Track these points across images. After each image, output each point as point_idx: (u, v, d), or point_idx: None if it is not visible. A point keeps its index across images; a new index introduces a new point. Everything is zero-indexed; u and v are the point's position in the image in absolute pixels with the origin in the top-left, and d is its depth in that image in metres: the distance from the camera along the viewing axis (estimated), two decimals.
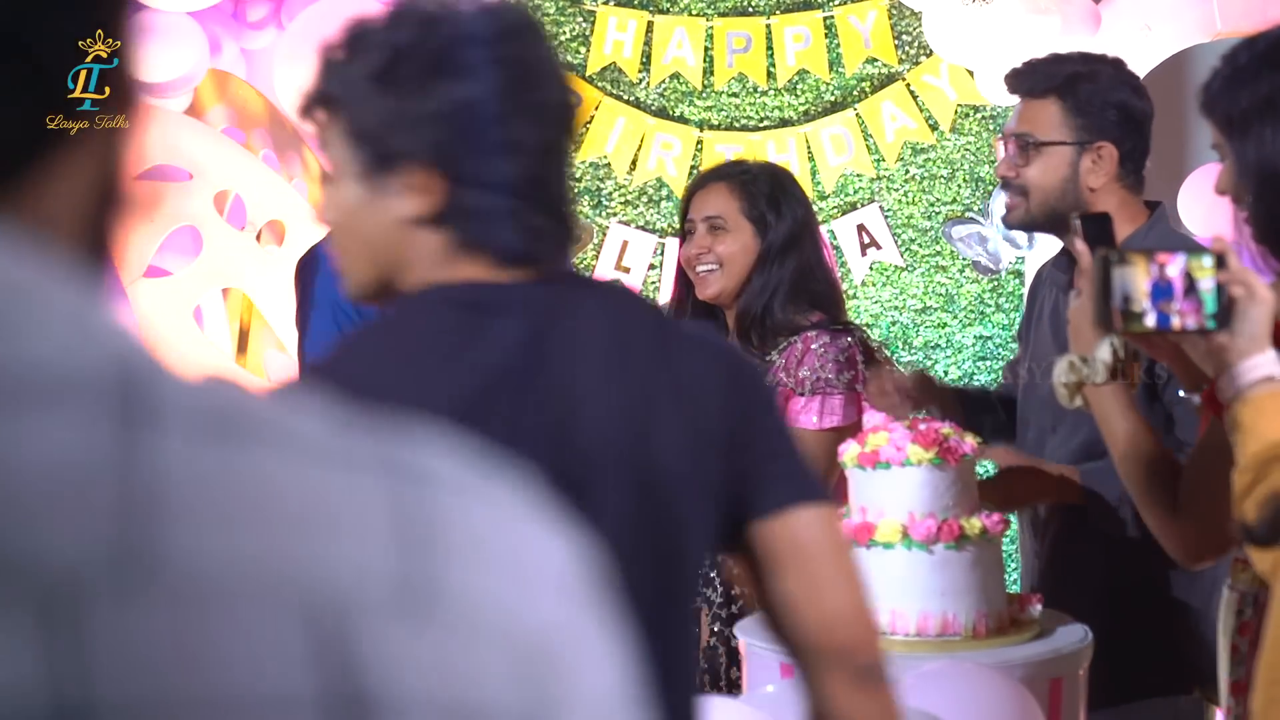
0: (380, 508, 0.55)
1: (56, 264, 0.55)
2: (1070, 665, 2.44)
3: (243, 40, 4.54)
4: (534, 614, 0.58)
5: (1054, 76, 2.73)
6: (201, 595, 0.50)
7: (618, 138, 4.48)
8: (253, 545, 0.52)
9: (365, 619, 0.53)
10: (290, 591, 0.52)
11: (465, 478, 0.58)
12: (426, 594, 0.54)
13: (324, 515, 0.54)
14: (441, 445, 0.59)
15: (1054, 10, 4.14)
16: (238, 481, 0.52)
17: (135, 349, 0.54)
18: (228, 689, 0.50)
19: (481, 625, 0.56)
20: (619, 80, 4.52)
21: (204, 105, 4.46)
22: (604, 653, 0.61)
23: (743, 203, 2.94)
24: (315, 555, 0.52)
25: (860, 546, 2.45)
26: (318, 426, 0.56)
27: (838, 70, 4.46)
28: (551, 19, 4.52)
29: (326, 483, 0.55)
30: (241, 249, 4.18)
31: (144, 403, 0.52)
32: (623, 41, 4.50)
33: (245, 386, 0.56)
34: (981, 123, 4.53)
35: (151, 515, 0.50)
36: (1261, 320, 1.78)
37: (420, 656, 0.54)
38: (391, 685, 0.53)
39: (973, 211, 4.53)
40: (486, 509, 0.58)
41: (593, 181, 4.53)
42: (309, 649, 0.52)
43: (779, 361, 2.94)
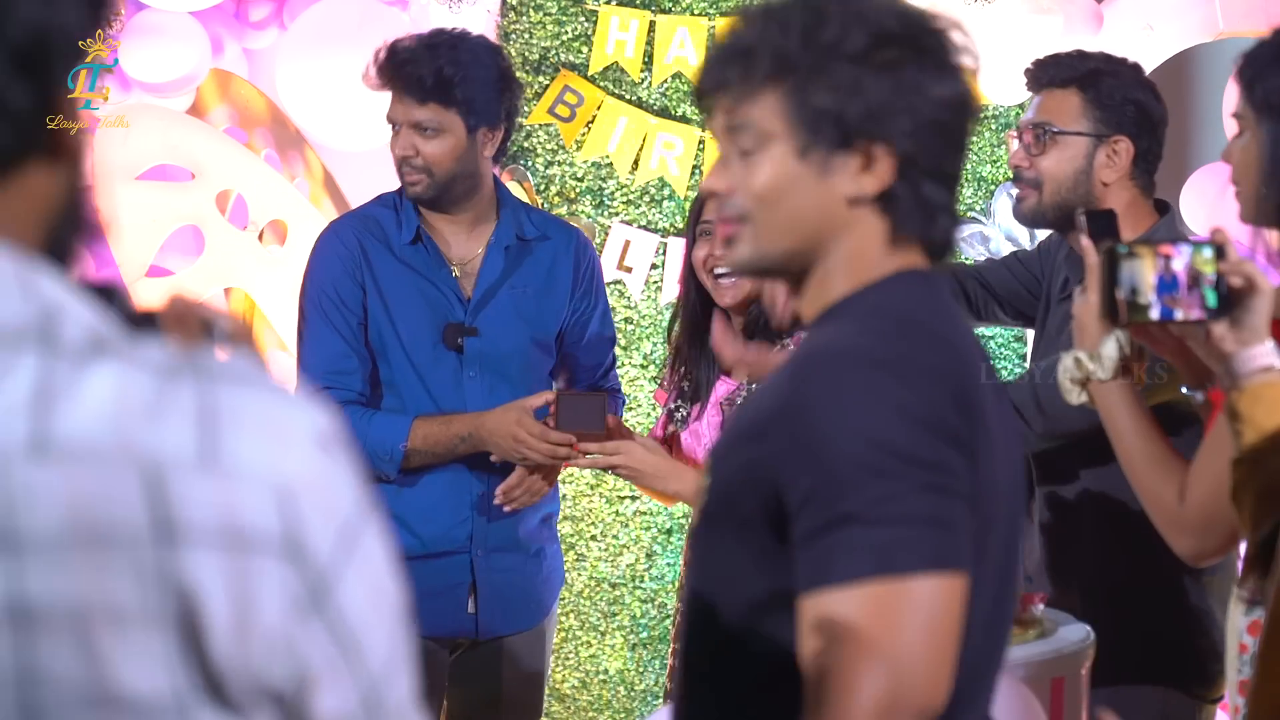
0: (188, 400, 0.88)
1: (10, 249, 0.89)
2: (1072, 665, 2.44)
3: (245, 40, 4.54)
4: (289, 463, 0.90)
5: (1077, 69, 2.75)
6: (83, 458, 0.86)
7: (620, 137, 4.48)
8: (111, 427, 0.86)
9: (176, 474, 0.87)
10: (132, 456, 0.86)
11: (245, 372, 0.91)
12: (213, 455, 0.87)
13: (154, 407, 0.87)
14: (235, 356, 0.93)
15: (1056, 10, 4.14)
16: (102, 385, 0.87)
17: (57, 303, 0.89)
18: (98, 514, 0.85)
19: (250, 474, 0.88)
20: (621, 80, 4.52)
21: (206, 105, 4.46)
22: (343, 486, 0.92)
23: None
24: (148, 433, 0.86)
25: None
26: (155, 348, 0.89)
27: None
28: (553, 18, 4.52)
29: (157, 385, 0.88)
30: (243, 249, 4.18)
31: (53, 340, 0.87)
32: (625, 41, 4.50)
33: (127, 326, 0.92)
34: (983, 122, 4.53)
35: (53, 408, 0.86)
36: (1261, 311, 1.80)
37: (210, 497, 0.87)
38: (193, 515, 0.87)
39: (974, 211, 4.53)
40: (256, 392, 0.91)
41: (595, 181, 4.53)
42: (143, 493, 0.86)
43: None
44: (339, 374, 2.93)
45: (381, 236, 3.00)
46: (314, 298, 2.99)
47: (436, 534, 2.99)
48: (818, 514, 1.33)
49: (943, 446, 1.34)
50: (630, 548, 4.51)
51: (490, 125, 2.98)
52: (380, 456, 2.90)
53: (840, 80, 1.42)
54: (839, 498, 1.33)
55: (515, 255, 3.06)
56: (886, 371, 1.37)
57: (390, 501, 2.97)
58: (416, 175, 2.97)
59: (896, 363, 1.38)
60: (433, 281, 2.99)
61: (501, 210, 3.08)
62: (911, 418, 1.34)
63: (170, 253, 4.25)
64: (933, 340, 1.43)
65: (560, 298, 3.09)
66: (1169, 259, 1.82)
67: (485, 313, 3.01)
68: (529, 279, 3.07)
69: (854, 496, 1.32)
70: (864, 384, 1.36)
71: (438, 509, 2.99)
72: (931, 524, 1.32)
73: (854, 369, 1.37)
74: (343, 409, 2.88)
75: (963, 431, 1.36)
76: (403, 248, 3.00)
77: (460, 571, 3.01)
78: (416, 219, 3.01)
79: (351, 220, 3.08)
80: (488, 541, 3.02)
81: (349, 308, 2.96)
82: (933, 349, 1.41)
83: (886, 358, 1.38)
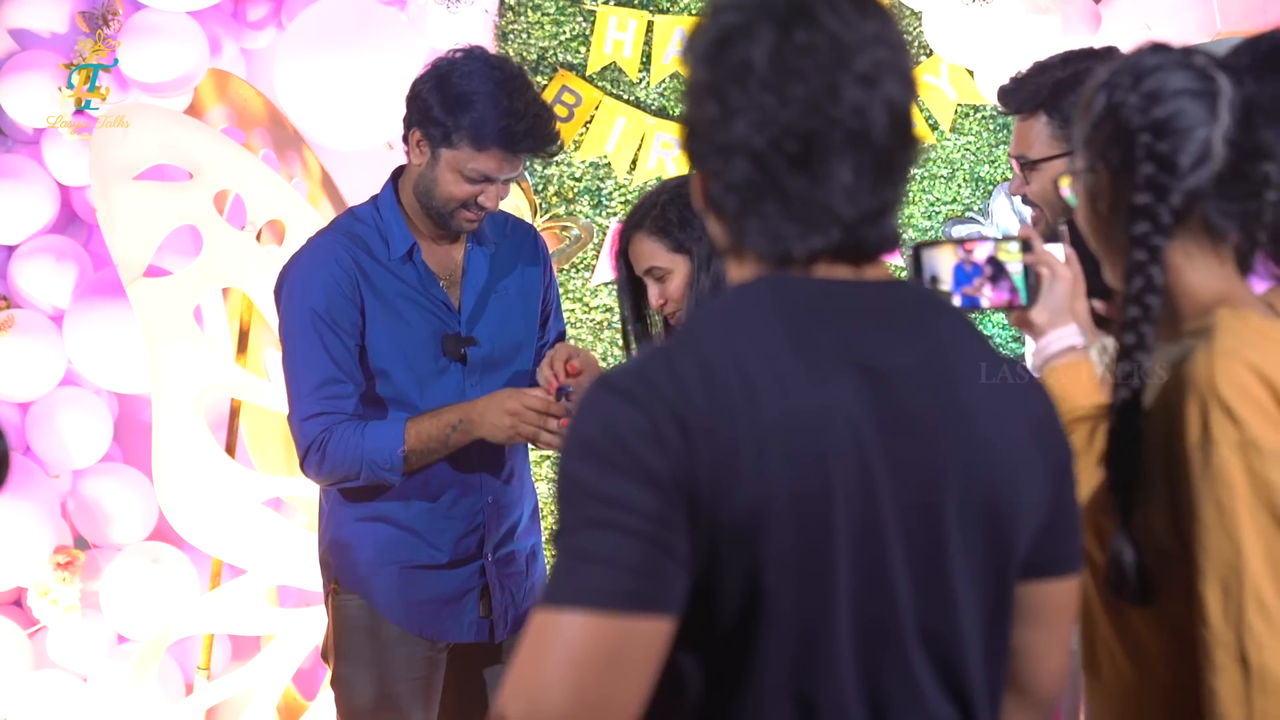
0: None
1: None
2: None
3: (243, 40, 4.54)
4: None
5: (1038, 91, 2.75)
6: None
7: (618, 137, 4.48)
8: None
9: None
10: None
11: None
12: None
13: None
14: None
15: (1054, 10, 4.14)
16: None
17: None
18: None
19: None
20: (619, 80, 4.52)
21: (204, 105, 4.46)
22: None
23: (663, 240, 2.93)
24: None
25: None
26: None
27: None
28: (552, 18, 4.52)
29: None
30: (241, 249, 4.18)
31: None
32: (623, 41, 4.50)
33: None
34: (982, 122, 4.53)
35: None
36: (1062, 295, 1.99)
37: None
38: None
39: (973, 211, 4.53)
40: None
41: (593, 181, 4.53)
42: None
43: None
44: (332, 398, 2.90)
45: (371, 253, 2.97)
46: (304, 319, 2.93)
47: (451, 543, 3.00)
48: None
49: (618, 478, 1.32)
50: None
51: None
52: (381, 466, 2.89)
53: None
54: (557, 523, 1.37)
55: (493, 259, 3.07)
56: (606, 395, 1.36)
57: (403, 515, 2.98)
58: (478, 216, 2.96)
59: (615, 389, 1.36)
60: (426, 295, 2.98)
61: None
62: (593, 448, 1.34)
63: (168, 252, 4.24)
64: (685, 358, 1.37)
65: (535, 294, 3.12)
66: (970, 251, 2.00)
67: (480, 321, 3.02)
68: (508, 280, 3.08)
69: (558, 524, 1.36)
70: (584, 409, 1.37)
71: (451, 519, 2.99)
72: (589, 559, 1.31)
73: (590, 393, 1.38)
74: (334, 431, 2.89)
75: (657, 462, 1.32)
76: (393, 263, 2.98)
77: (472, 578, 3.02)
78: (410, 235, 2.99)
79: (339, 239, 2.99)
80: (496, 546, 3.03)
81: (344, 329, 2.92)
82: (671, 369, 1.37)
83: (615, 383, 1.37)
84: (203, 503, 4.11)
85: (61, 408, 4.31)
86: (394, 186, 3.03)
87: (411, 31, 4.33)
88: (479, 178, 2.89)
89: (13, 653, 4.27)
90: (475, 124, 2.85)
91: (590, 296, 4.52)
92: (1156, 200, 1.72)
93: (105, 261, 4.27)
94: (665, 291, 2.94)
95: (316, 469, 2.92)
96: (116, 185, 4.08)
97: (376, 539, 2.99)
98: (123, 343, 4.20)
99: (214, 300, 4.39)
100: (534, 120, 2.88)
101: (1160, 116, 1.74)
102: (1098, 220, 1.82)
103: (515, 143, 2.87)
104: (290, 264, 3.00)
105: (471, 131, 2.86)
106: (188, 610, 4.27)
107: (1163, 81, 1.75)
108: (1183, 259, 1.77)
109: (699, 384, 1.35)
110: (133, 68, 4.24)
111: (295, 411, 2.94)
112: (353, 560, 3.01)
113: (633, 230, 2.99)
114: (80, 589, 4.28)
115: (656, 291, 2.97)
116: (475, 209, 2.93)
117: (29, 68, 4.22)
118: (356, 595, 3.01)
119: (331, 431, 2.88)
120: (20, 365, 4.24)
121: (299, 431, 2.93)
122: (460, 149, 2.88)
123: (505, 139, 2.86)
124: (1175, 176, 1.73)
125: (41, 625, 4.32)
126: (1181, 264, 1.77)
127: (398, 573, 2.98)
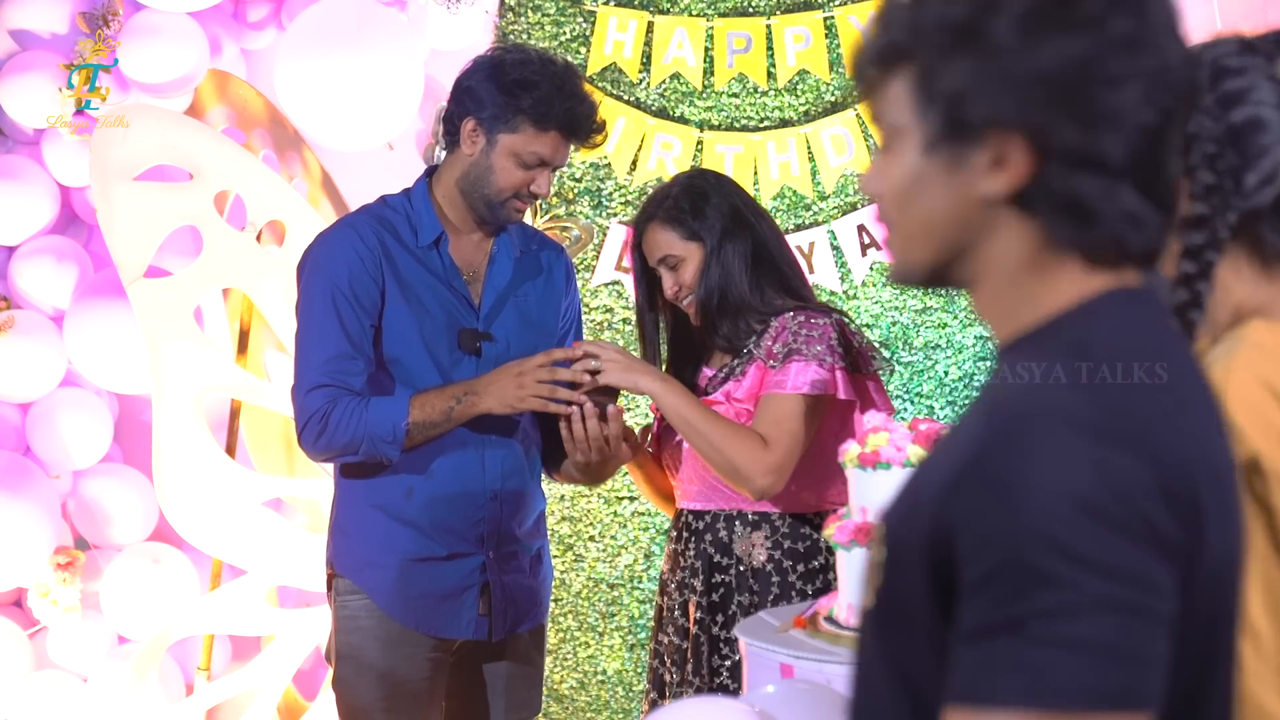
0: None
1: None
2: None
3: (243, 40, 4.54)
4: None
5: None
6: None
7: (618, 138, 4.48)
8: None
9: None
10: None
11: None
12: None
13: None
14: None
15: None
16: None
17: None
18: None
19: None
20: (619, 80, 4.52)
21: (204, 105, 4.46)
22: None
23: (676, 229, 3.08)
24: None
25: (861, 547, 2.45)
26: None
27: (838, 70, 4.47)
28: (551, 19, 4.52)
29: None
30: (242, 249, 4.18)
31: None
32: (623, 42, 4.50)
33: None
34: None
35: None
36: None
37: None
38: None
39: None
40: None
41: (593, 182, 4.53)
42: None
43: (759, 352, 3.01)
44: (341, 372, 2.91)
45: (398, 237, 3.00)
46: (325, 292, 2.94)
47: (452, 537, 3.00)
48: (986, 610, 1.09)
49: (1137, 552, 1.09)
50: (628, 548, 4.51)
51: None
52: (382, 439, 2.89)
53: (949, 59, 1.20)
54: (1011, 598, 1.08)
55: (517, 264, 3.08)
56: (1087, 440, 1.11)
57: (405, 507, 2.98)
58: (526, 205, 3.02)
59: (1100, 432, 1.12)
60: (448, 286, 3.00)
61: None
62: (1102, 513, 1.08)
63: (168, 253, 4.24)
64: (1148, 397, 1.16)
65: (556, 309, 3.14)
66: None
67: (497, 319, 3.03)
68: (530, 288, 3.09)
69: (1024, 601, 1.07)
70: (1057, 457, 1.10)
71: (453, 511, 2.99)
72: (1106, 653, 1.06)
73: (1049, 435, 1.11)
74: (338, 403, 2.89)
75: (1171, 529, 1.11)
76: (419, 250, 3.00)
77: (472, 574, 3.02)
78: (440, 225, 3.01)
79: (368, 219, 3.02)
80: (499, 543, 3.03)
81: (363, 307, 2.93)
82: (1148, 410, 1.15)
83: (1090, 423, 1.12)
84: (203, 503, 4.11)
85: (62, 408, 4.31)
86: (427, 181, 3.07)
87: (411, 32, 4.33)
88: (535, 162, 2.95)
89: (13, 653, 4.27)
90: (538, 104, 2.91)
91: (590, 297, 4.52)
92: (1215, 213, 1.54)
93: (105, 262, 4.27)
94: (679, 279, 3.07)
95: (314, 441, 2.91)
96: (117, 186, 4.08)
97: (378, 529, 2.99)
98: (123, 343, 4.20)
99: (214, 301, 4.39)
100: (591, 105, 2.98)
101: (1236, 123, 1.59)
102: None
103: (577, 124, 2.95)
104: (317, 240, 3.03)
105: (534, 113, 2.92)
106: (188, 611, 4.27)
107: (1246, 86, 1.61)
108: (1232, 275, 1.64)
109: (1169, 418, 1.15)
110: (133, 68, 4.24)
111: (300, 383, 2.94)
112: (352, 547, 3.01)
113: (646, 221, 3.11)
114: (80, 589, 4.28)
115: (670, 280, 3.08)
116: (526, 197, 2.98)
117: (29, 68, 4.22)
118: (358, 593, 3.01)
119: (335, 403, 2.89)
120: (21, 366, 4.24)
121: (300, 403, 2.93)
122: (521, 131, 2.93)
123: (567, 120, 2.94)
124: (1240, 194, 1.60)
125: (42, 626, 4.32)
126: (1230, 279, 1.63)
127: (398, 565, 2.98)
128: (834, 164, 4.46)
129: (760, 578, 3.04)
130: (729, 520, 3.07)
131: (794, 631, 2.56)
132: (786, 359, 2.98)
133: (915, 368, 4.42)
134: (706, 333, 3.11)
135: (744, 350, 3.06)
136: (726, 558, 3.06)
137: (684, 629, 3.09)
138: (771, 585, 3.02)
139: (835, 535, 2.49)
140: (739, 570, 3.05)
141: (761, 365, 3.02)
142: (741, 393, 3.04)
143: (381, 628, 2.99)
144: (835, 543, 2.49)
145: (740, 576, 3.05)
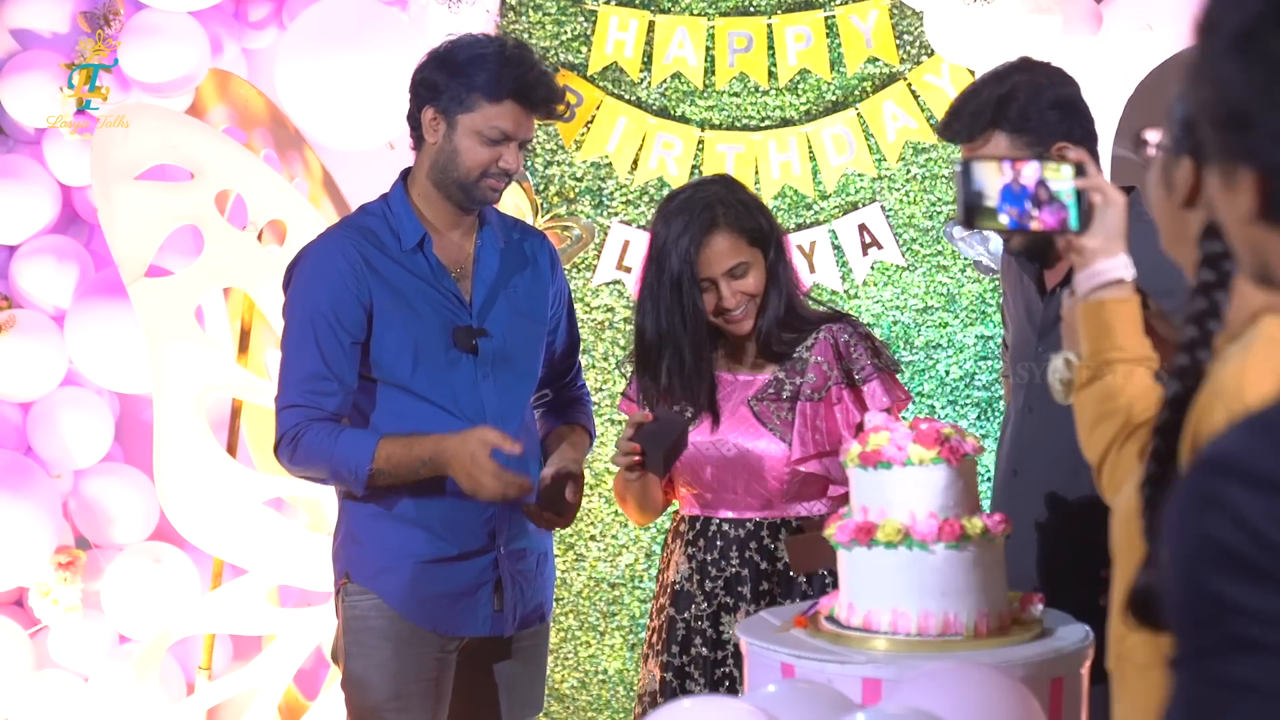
0: None
1: None
2: (1071, 665, 2.44)
3: (244, 40, 4.54)
4: None
5: (980, 112, 2.76)
6: None
7: (619, 137, 4.48)
8: None
9: None
10: None
11: None
12: None
13: None
14: None
15: (1055, 10, 4.14)
16: None
17: None
18: None
19: None
20: (620, 80, 4.52)
21: (205, 105, 4.46)
22: None
23: (742, 234, 3.02)
24: None
25: (861, 546, 2.45)
26: None
27: (839, 70, 4.46)
28: (553, 18, 4.52)
29: None
30: (242, 249, 4.18)
31: None
32: (624, 41, 4.50)
33: None
34: None
35: None
36: (1115, 222, 1.96)
37: None
38: None
39: None
40: None
41: (594, 181, 4.53)
42: None
43: (816, 360, 3.01)
44: (314, 393, 2.93)
45: (381, 246, 3.00)
46: (305, 314, 2.96)
47: (464, 535, 3.01)
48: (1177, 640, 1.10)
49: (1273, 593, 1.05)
50: (629, 548, 4.51)
51: None
52: (346, 476, 2.92)
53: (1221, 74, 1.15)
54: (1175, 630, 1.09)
55: (503, 254, 3.09)
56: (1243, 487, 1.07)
57: (416, 510, 2.98)
58: (501, 184, 3.02)
59: (1252, 475, 1.07)
60: (436, 287, 3.00)
61: (485, 211, 3.10)
62: (1233, 556, 1.05)
63: (169, 253, 4.24)
64: None
65: (544, 297, 3.16)
66: (1019, 170, 1.95)
67: (490, 314, 3.03)
68: (518, 280, 3.10)
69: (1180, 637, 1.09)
70: (1212, 502, 1.07)
71: (462, 510, 2.99)
72: (1243, 691, 1.05)
73: (1213, 479, 1.08)
74: (310, 428, 2.91)
75: None
76: (404, 255, 3.00)
77: (485, 571, 3.03)
78: (421, 227, 3.01)
79: (347, 234, 3.02)
80: (509, 539, 3.05)
81: (344, 328, 2.94)
82: None
83: (1252, 467, 1.07)
84: (204, 503, 4.12)
85: (63, 408, 4.31)
86: (403, 184, 3.07)
87: (412, 31, 4.33)
88: (499, 136, 2.95)
89: (14, 653, 4.27)
90: (489, 79, 2.94)
91: (591, 296, 4.51)
92: None
93: (106, 261, 4.27)
94: (745, 285, 3.00)
95: (288, 459, 2.97)
96: (118, 185, 4.08)
97: (390, 534, 3.00)
98: (124, 343, 4.20)
99: (215, 300, 4.39)
100: (541, 72, 3.00)
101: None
102: (1169, 208, 1.67)
103: (529, 90, 2.96)
104: (299, 257, 3.04)
105: (486, 87, 2.94)
106: (189, 610, 4.27)
107: None
108: (1250, 283, 1.56)
109: None
110: (134, 68, 4.24)
111: (278, 400, 3.00)
112: (366, 555, 3.02)
113: (706, 234, 3.01)
114: (81, 589, 4.28)
115: (731, 290, 3.01)
116: (499, 175, 2.98)
117: (30, 68, 4.22)
118: (368, 593, 3.01)
119: (306, 428, 2.92)
120: (21, 365, 4.24)
121: (277, 418, 2.98)
122: (478, 108, 2.95)
123: (519, 88, 2.95)
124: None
125: (43, 625, 4.32)
126: (1246, 288, 1.58)
127: (411, 568, 2.99)
128: (835, 163, 4.45)
129: (814, 581, 3.03)
130: (773, 528, 3.06)
131: (794, 631, 2.56)
132: (872, 375, 3.04)
133: (916, 367, 4.41)
134: (749, 339, 3.08)
135: (793, 357, 3.06)
136: (769, 564, 3.06)
137: (713, 640, 3.07)
138: (826, 587, 2.99)
139: (835, 535, 2.49)
140: (789, 576, 3.04)
141: (841, 386, 3.03)
142: (840, 420, 3.04)
143: (392, 628, 3.00)
144: (835, 542, 2.49)
145: (790, 582, 3.04)
